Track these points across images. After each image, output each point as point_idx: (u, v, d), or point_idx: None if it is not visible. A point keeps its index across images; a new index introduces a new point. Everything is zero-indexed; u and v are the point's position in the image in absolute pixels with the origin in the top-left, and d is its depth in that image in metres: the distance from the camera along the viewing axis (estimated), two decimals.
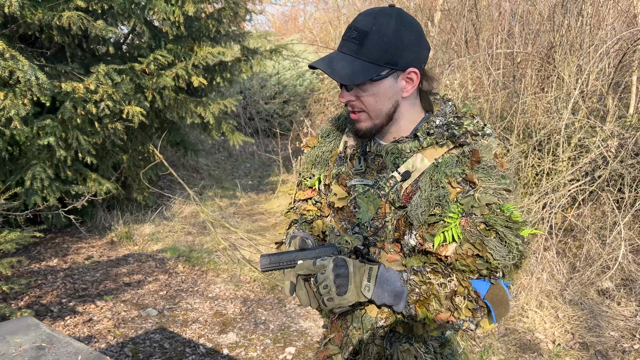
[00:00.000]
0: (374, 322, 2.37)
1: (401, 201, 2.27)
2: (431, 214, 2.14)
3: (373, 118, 2.26)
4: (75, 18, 7.49)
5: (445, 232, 2.09)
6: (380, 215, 2.32)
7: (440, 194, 2.14)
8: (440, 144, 2.23)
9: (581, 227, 7.88)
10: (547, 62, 8.99)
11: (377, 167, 2.38)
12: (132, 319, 6.66)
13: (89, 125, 8.33)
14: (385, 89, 2.20)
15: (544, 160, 8.23)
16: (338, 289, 2.07)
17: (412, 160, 2.26)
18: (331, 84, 14.68)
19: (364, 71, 2.12)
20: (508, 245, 2.06)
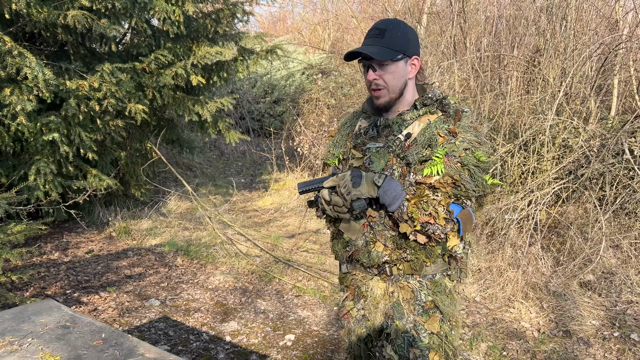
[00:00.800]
0: (380, 256, 3.02)
1: (404, 151, 2.96)
2: (422, 154, 2.89)
3: (390, 93, 3.00)
4: (80, 17, 7.62)
5: (432, 167, 2.82)
6: (388, 167, 2.98)
7: (431, 140, 2.90)
8: (432, 112, 3.01)
9: (565, 223, 8.08)
10: (533, 65, 9.17)
11: (387, 134, 3.08)
12: (136, 309, 6.82)
13: (91, 122, 8.46)
14: (400, 69, 2.96)
15: (530, 159, 8.43)
16: (354, 183, 2.82)
17: (412, 126, 3.00)
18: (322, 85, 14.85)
19: (388, 53, 2.88)
20: (476, 180, 2.82)
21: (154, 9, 8.82)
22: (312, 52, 20.18)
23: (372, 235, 3.03)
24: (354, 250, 3.13)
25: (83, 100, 7.98)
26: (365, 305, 3.19)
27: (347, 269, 3.28)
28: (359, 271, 3.21)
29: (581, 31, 9.18)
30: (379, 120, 3.15)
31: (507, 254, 7.73)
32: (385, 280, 3.11)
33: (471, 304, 7.08)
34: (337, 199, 2.88)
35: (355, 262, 3.19)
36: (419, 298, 3.02)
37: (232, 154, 18.13)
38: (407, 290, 3.04)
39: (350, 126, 3.35)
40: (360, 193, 2.81)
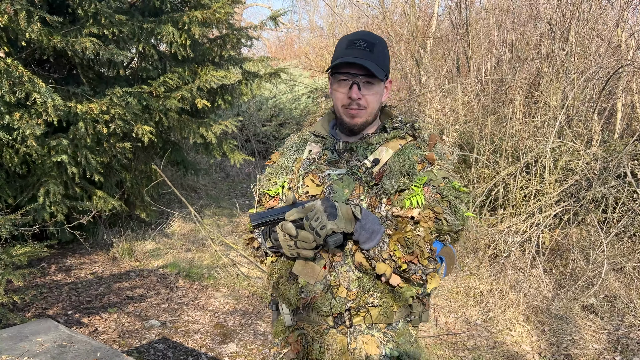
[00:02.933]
0: (343, 303, 2.63)
1: (374, 179, 2.66)
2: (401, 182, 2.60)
3: (368, 115, 2.70)
4: (88, 44, 7.67)
5: (411, 198, 2.56)
6: (354, 196, 2.66)
7: (408, 165, 2.63)
8: (401, 136, 2.75)
9: (567, 246, 8.06)
10: (535, 88, 9.18)
11: (348, 159, 2.76)
12: (136, 330, 6.80)
13: (97, 145, 8.47)
14: (380, 91, 2.69)
15: (532, 182, 8.42)
16: (329, 216, 2.36)
17: (379, 150, 2.72)
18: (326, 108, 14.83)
19: (379, 71, 2.57)
20: (456, 213, 2.59)
21: (161, 34, 8.85)
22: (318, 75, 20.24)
23: (334, 278, 2.65)
24: (311, 297, 2.69)
25: (91, 123, 7.99)
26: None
27: (293, 321, 2.83)
28: (307, 324, 2.80)
29: (582, 55, 9.20)
30: (338, 143, 2.84)
31: (509, 277, 7.71)
32: (345, 333, 2.71)
33: (472, 327, 7.04)
34: (306, 235, 2.40)
35: (309, 311, 2.75)
36: (383, 353, 2.67)
37: (237, 176, 18.12)
38: (372, 345, 2.67)
39: (297, 150, 2.99)
40: (337, 227, 2.39)
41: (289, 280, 2.75)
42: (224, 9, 9.17)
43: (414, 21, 13.17)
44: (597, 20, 9.68)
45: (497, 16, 10.77)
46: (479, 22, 11.98)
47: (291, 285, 2.72)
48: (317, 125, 2.97)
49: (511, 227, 8.19)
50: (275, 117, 20.31)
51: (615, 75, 8.70)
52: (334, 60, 2.67)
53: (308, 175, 2.80)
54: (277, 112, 20.42)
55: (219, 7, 9.12)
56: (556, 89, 8.85)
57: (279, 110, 20.42)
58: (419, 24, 13.87)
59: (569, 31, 9.01)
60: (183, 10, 9.41)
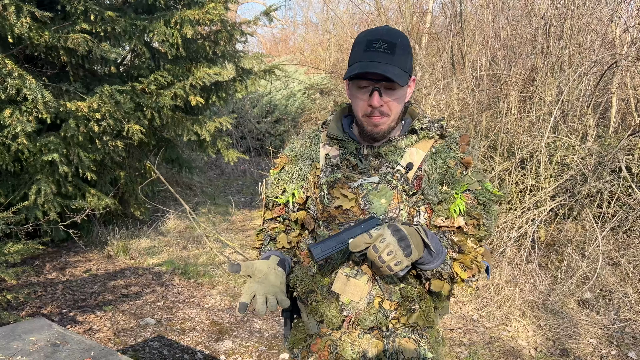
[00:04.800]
0: (388, 314, 2.51)
1: (414, 188, 2.50)
2: (442, 191, 2.46)
3: (391, 121, 2.48)
4: (80, 40, 7.65)
5: (454, 207, 2.43)
6: (393, 206, 2.48)
7: (449, 174, 2.48)
8: (430, 136, 2.56)
9: (562, 240, 8.06)
10: (529, 83, 9.18)
11: (376, 166, 2.55)
12: (131, 328, 6.79)
13: (90, 143, 8.45)
14: (403, 94, 2.47)
15: (527, 177, 8.41)
16: (404, 250, 2.12)
17: (409, 153, 2.52)
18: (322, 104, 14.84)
19: (402, 76, 2.34)
20: (491, 215, 2.48)
21: (153, 32, 8.84)
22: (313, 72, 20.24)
23: (377, 291, 2.52)
24: (354, 313, 2.54)
25: (82, 121, 7.97)
26: None
27: (318, 328, 2.68)
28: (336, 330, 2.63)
29: (577, 50, 9.19)
30: (363, 148, 2.61)
31: (504, 272, 7.70)
32: (380, 337, 2.57)
33: (468, 323, 7.04)
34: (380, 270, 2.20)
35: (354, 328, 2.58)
36: (421, 356, 2.56)
37: (233, 173, 18.09)
38: (410, 347, 2.55)
39: (310, 156, 2.75)
40: (411, 261, 2.19)
41: (327, 299, 2.60)
42: (217, 10, 9.14)
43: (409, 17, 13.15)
44: (591, 15, 9.67)
45: (492, 12, 10.76)
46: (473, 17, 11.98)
47: (330, 304, 2.58)
48: (331, 127, 2.73)
49: (507, 223, 8.18)
50: (271, 114, 20.27)
51: (610, 70, 8.68)
52: (350, 63, 2.44)
53: (336, 187, 2.59)
54: (272, 109, 20.37)
55: (211, 8, 9.10)
56: (551, 84, 8.84)
57: (274, 107, 20.38)
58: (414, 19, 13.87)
59: (563, 26, 9.00)
60: (177, 8, 9.39)
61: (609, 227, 7.67)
